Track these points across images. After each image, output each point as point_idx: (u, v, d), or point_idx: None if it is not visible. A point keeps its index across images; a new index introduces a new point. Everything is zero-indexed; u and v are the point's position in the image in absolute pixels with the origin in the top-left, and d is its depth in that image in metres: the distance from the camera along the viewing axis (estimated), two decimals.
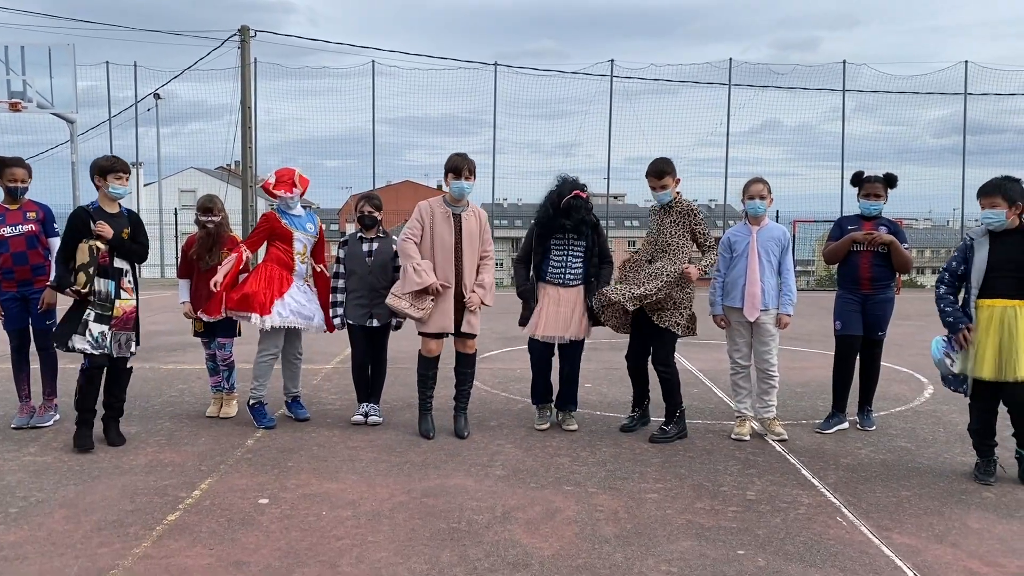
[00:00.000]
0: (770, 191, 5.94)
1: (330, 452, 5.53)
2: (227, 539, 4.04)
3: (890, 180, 6.06)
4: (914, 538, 4.12)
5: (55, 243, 5.99)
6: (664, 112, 27.64)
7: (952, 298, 5.10)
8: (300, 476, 5.01)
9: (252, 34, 21.72)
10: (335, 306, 6.20)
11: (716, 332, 6.44)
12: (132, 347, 5.68)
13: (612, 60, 23.46)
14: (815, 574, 3.70)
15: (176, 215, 24.66)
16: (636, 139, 24.63)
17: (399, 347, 8.75)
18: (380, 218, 6.24)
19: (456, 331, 5.82)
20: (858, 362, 6.20)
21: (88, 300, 5.41)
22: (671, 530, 4.19)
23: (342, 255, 6.22)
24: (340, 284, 6.20)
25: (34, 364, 6.18)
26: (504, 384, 7.91)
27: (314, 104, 34.69)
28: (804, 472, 5.18)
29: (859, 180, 6.10)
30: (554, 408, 6.32)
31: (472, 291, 5.77)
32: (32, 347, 6.13)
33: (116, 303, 5.50)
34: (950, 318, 5.05)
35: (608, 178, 24.03)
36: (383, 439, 5.86)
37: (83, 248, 5.38)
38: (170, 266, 25.87)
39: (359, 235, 6.22)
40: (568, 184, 5.90)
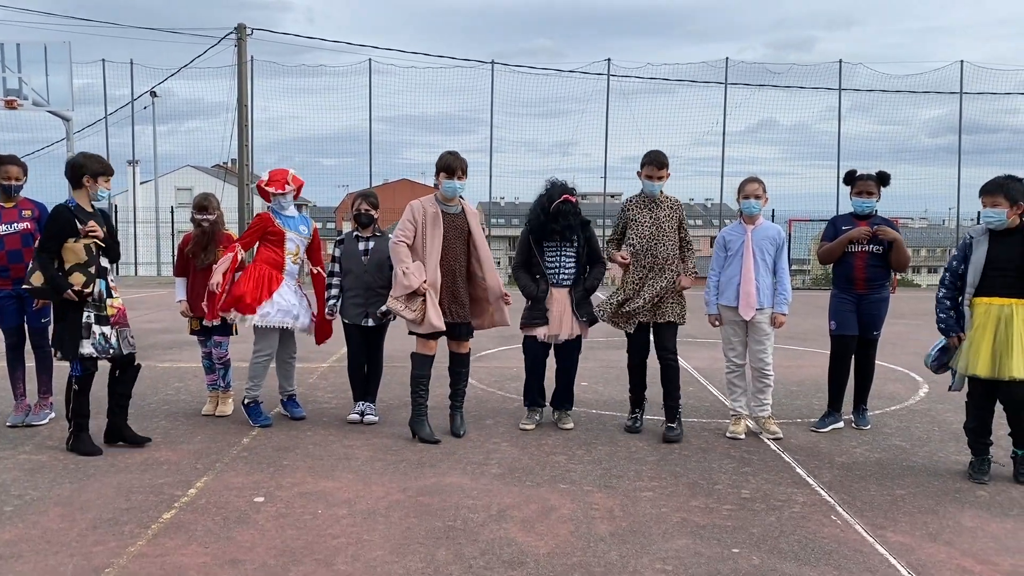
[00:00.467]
0: (765, 191, 5.96)
1: (326, 451, 5.53)
2: (223, 537, 4.04)
3: (883, 178, 6.07)
4: (908, 536, 4.14)
5: None
6: (661, 111, 27.69)
7: (949, 303, 5.11)
8: (296, 474, 5.02)
9: (249, 32, 21.70)
10: (330, 299, 6.20)
11: (711, 331, 6.46)
12: (134, 342, 5.64)
13: (609, 59, 23.52)
14: (809, 572, 3.71)
15: (172, 213, 24.65)
16: (633, 138, 24.63)
17: (395, 346, 8.75)
18: (376, 216, 6.25)
19: (452, 331, 5.80)
20: (853, 362, 6.22)
21: (88, 301, 5.30)
22: (666, 528, 4.20)
23: (338, 254, 6.23)
24: (335, 281, 6.21)
25: (29, 362, 6.17)
26: (500, 383, 7.92)
27: (311, 102, 34.73)
28: (799, 470, 5.19)
29: (852, 178, 6.12)
30: (549, 407, 6.33)
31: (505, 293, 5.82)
32: (28, 345, 6.12)
33: (108, 302, 5.44)
34: (942, 324, 5.12)
35: (605, 177, 24.08)
36: (379, 438, 5.86)
37: (76, 248, 5.29)
38: (166, 264, 25.87)
39: (355, 234, 6.22)
40: (558, 188, 5.95)
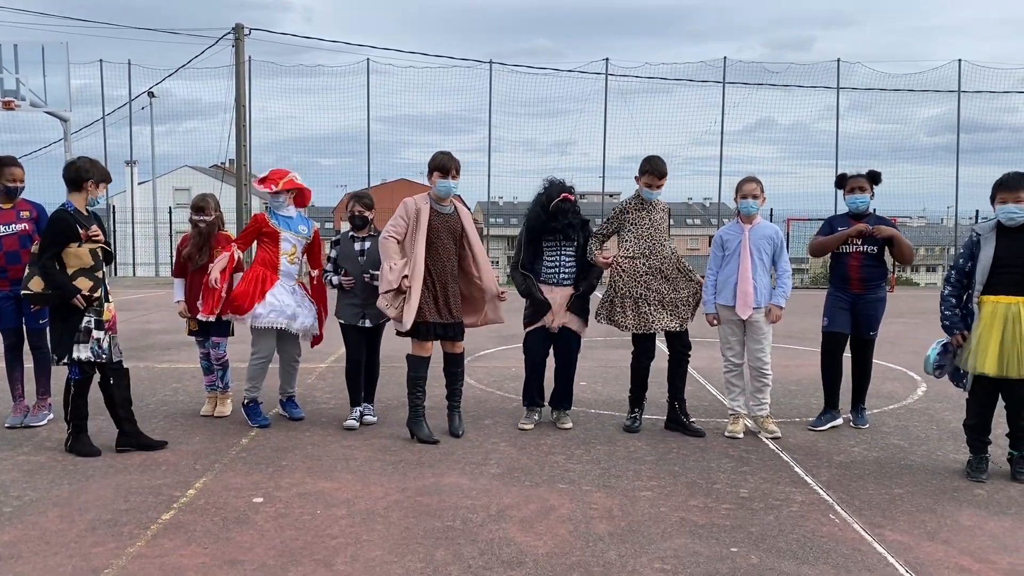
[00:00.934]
0: (763, 190, 5.96)
1: (324, 451, 5.53)
2: (222, 538, 4.04)
3: (873, 177, 6.06)
4: (906, 535, 4.14)
5: None
6: (659, 110, 27.81)
7: (954, 301, 5.09)
8: (295, 475, 5.02)
9: (246, 32, 21.70)
10: (328, 283, 6.22)
11: (709, 330, 6.46)
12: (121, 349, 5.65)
13: (607, 59, 23.53)
14: (808, 571, 3.72)
15: (170, 213, 24.64)
16: (631, 137, 24.66)
17: (394, 346, 8.75)
18: (371, 217, 6.22)
19: (445, 331, 5.77)
20: (851, 362, 6.22)
21: (94, 305, 5.29)
22: (665, 528, 4.21)
23: (334, 255, 6.21)
24: (332, 279, 6.18)
25: (28, 363, 6.17)
26: (499, 383, 7.92)
27: (309, 102, 34.72)
28: (797, 470, 5.20)
29: (843, 180, 6.14)
30: (548, 407, 6.34)
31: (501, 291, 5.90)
32: (26, 346, 6.11)
33: (106, 306, 5.43)
34: (947, 322, 5.10)
35: (603, 176, 24.07)
36: (377, 438, 5.86)
37: (81, 252, 5.29)
38: (164, 264, 25.84)
39: (351, 234, 6.21)
40: (556, 187, 5.96)
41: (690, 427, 6.02)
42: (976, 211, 23.63)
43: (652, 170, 5.91)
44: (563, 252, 6.01)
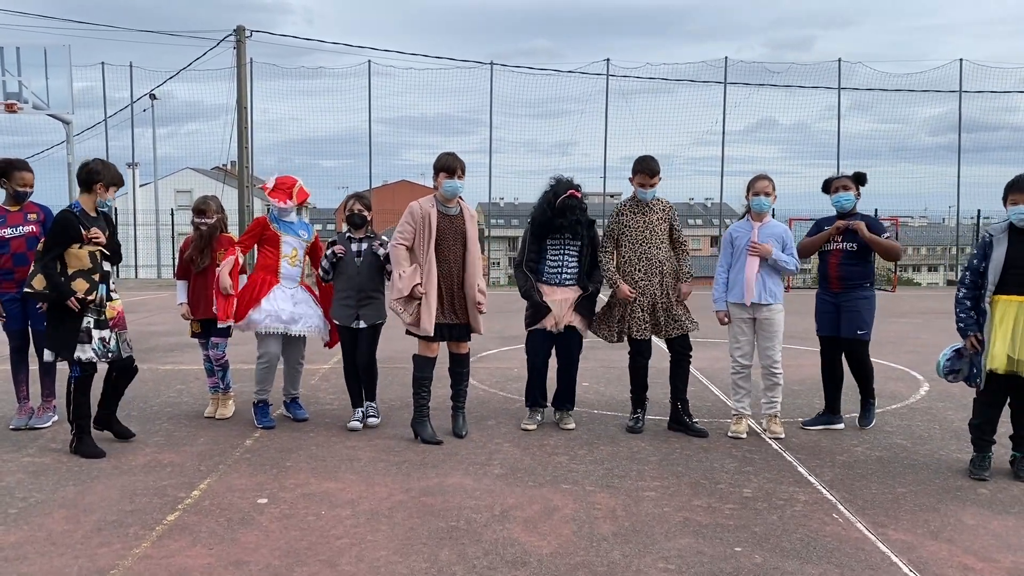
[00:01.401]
0: (775, 188, 5.99)
1: (329, 452, 5.54)
2: (227, 539, 4.06)
3: (858, 178, 6.04)
4: (910, 534, 4.15)
5: None
6: (660, 111, 27.63)
7: (969, 303, 5.09)
8: (299, 476, 5.03)
9: (248, 34, 21.69)
10: (323, 272, 6.19)
11: (712, 331, 6.47)
12: (131, 345, 5.74)
13: (608, 59, 23.49)
14: (811, 570, 3.72)
15: (172, 216, 24.65)
16: (632, 138, 24.60)
17: (398, 346, 8.76)
18: (370, 218, 6.22)
19: (452, 332, 5.81)
20: (848, 365, 6.19)
21: (89, 307, 5.35)
22: (668, 528, 4.22)
23: (326, 264, 6.17)
24: (323, 262, 6.15)
25: (33, 365, 6.18)
26: (502, 383, 7.93)
27: (310, 104, 34.73)
28: (800, 469, 5.21)
29: (828, 184, 6.11)
30: (551, 407, 6.35)
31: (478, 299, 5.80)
32: (32, 348, 6.13)
33: (108, 305, 5.50)
34: (961, 323, 5.11)
35: (604, 177, 24.04)
36: (381, 439, 5.87)
37: (81, 254, 5.34)
38: (167, 267, 25.88)
39: (347, 235, 6.19)
40: (563, 184, 5.96)
41: (692, 427, 6.03)
42: (978, 211, 23.63)
43: (643, 169, 5.91)
44: (567, 251, 6.01)
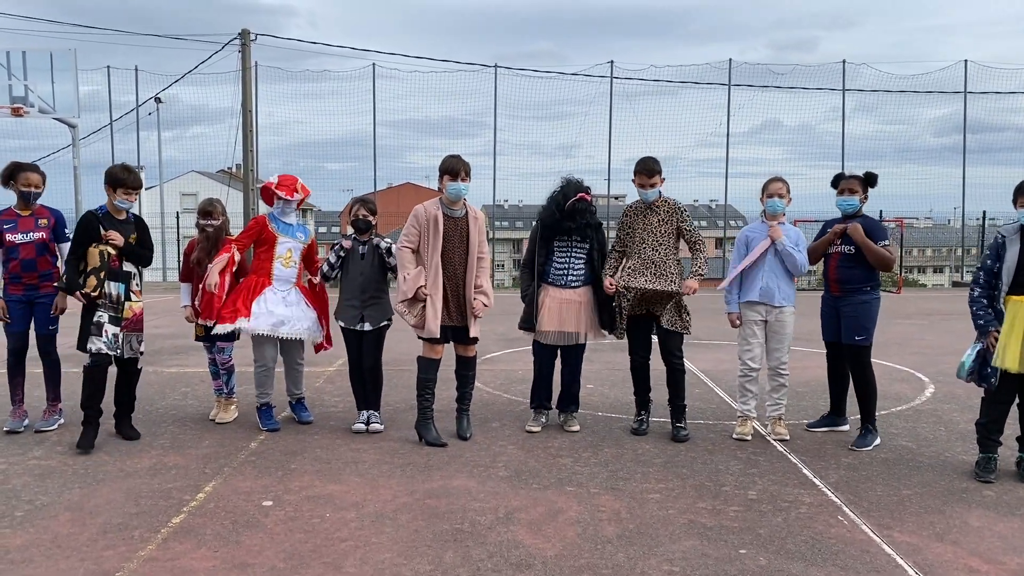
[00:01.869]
0: (789, 191, 5.97)
1: (333, 454, 5.55)
2: (231, 541, 4.06)
3: (869, 178, 5.92)
4: (915, 536, 4.14)
5: (67, 248, 6.06)
6: (664, 113, 27.61)
7: (985, 302, 5.11)
8: (304, 478, 5.04)
9: (252, 38, 21.74)
10: (324, 275, 6.18)
11: (717, 333, 6.46)
12: (141, 347, 5.91)
13: (612, 61, 23.49)
14: (816, 573, 3.72)
15: (178, 218, 24.69)
16: (637, 140, 24.62)
17: (401, 349, 8.77)
18: (374, 222, 6.22)
19: (457, 334, 5.82)
20: (851, 372, 6.11)
21: (98, 303, 5.59)
22: (673, 530, 4.21)
23: (333, 259, 6.16)
24: (331, 256, 6.16)
25: (36, 368, 6.19)
26: (506, 385, 7.93)
27: (315, 107, 34.86)
28: (805, 471, 5.20)
29: (837, 180, 5.99)
30: (555, 410, 6.35)
31: (475, 298, 5.74)
32: (35, 352, 6.12)
33: (126, 305, 5.72)
34: (981, 320, 5.11)
35: (608, 179, 24.05)
36: (386, 441, 5.88)
37: (93, 252, 5.59)
38: (172, 270, 25.92)
39: (352, 237, 6.19)
40: (573, 186, 5.93)
41: (677, 432, 5.94)
42: (983, 212, 23.58)
43: (641, 170, 5.88)
44: (574, 253, 6.00)
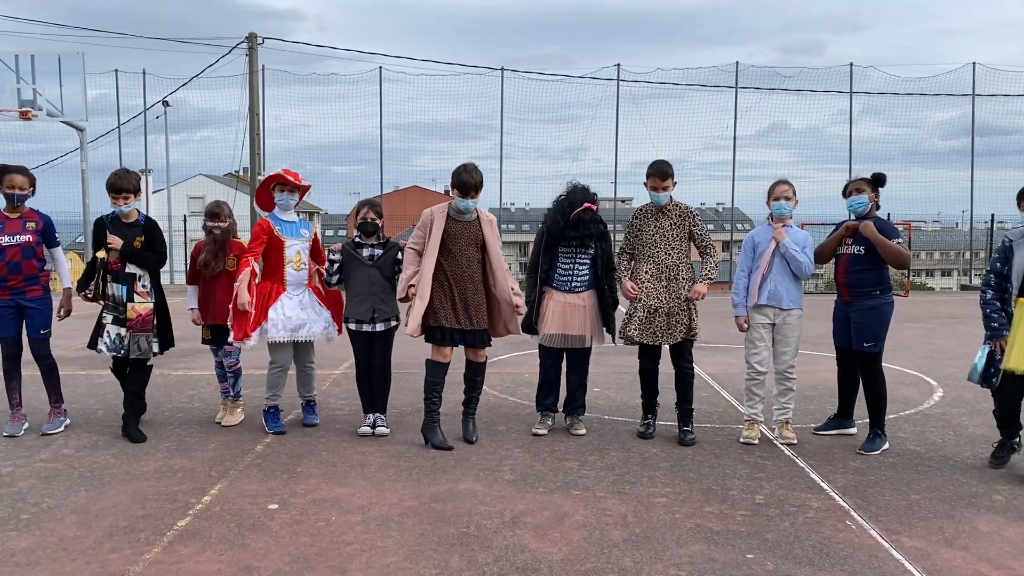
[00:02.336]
0: (795, 193, 5.95)
1: (339, 457, 5.55)
2: (237, 544, 4.06)
3: (876, 179, 5.85)
4: (924, 541, 4.11)
5: (57, 252, 6.12)
6: (671, 116, 27.71)
7: (999, 304, 5.13)
8: (310, 481, 5.03)
9: (260, 41, 21.82)
10: (331, 275, 6.16)
11: (724, 336, 6.44)
12: (154, 348, 6.01)
13: (618, 64, 23.51)
14: None
15: (185, 221, 24.76)
16: (643, 143, 24.62)
17: (408, 352, 8.76)
18: (381, 224, 6.21)
19: (466, 338, 5.80)
20: (861, 377, 6.07)
21: (102, 304, 5.92)
22: (680, 534, 4.19)
23: (336, 258, 6.14)
24: (331, 262, 6.15)
25: (27, 372, 6.17)
26: (512, 389, 7.92)
27: (322, 110, 34.94)
28: (813, 475, 5.17)
29: (846, 188, 5.92)
30: (562, 413, 6.34)
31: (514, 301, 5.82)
32: (25, 356, 6.04)
33: (129, 306, 5.85)
34: (995, 324, 5.12)
35: (615, 182, 24.08)
36: (392, 444, 5.87)
37: (98, 255, 5.88)
38: (179, 272, 25.99)
39: (358, 240, 6.15)
40: (578, 195, 5.90)
41: (684, 436, 5.93)
42: (991, 215, 23.47)
43: (655, 172, 5.86)
44: (578, 260, 5.99)
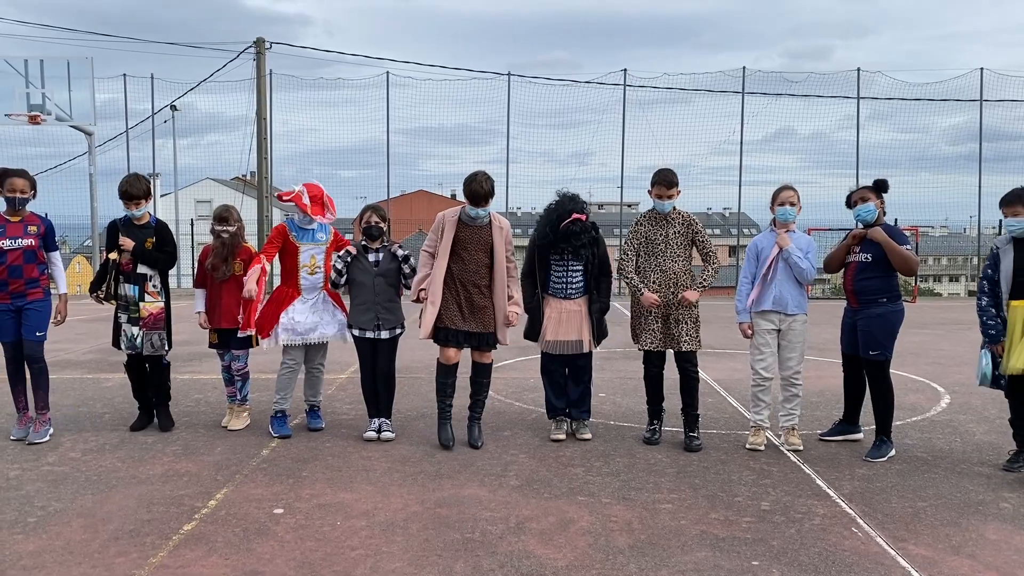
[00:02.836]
0: (799, 199, 5.95)
1: (344, 462, 5.55)
2: (242, 549, 4.07)
3: (879, 185, 5.81)
4: (930, 549, 4.09)
5: (55, 257, 6.10)
6: (677, 121, 27.70)
7: (994, 311, 5.33)
8: (315, 486, 5.04)
9: (268, 46, 21.89)
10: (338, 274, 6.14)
11: (730, 342, 6.43)
12: (166, 344, 6.30)
13: (625, 69, 23.51)
14: None
15: (192, 225, 24.84)
16: (650, 148, 24.67)
17: (413, 356, 8.78)
18: (385, 229, 6.23)
19: (472, 340, 5.83)
20: (868, 385, 6.04)
21: (114, 304, 6.19)
22: (685, 541, 4.18)
23: (340, 266, 6.15)
24: (338, 264, 6.14)
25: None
26: (518, 394, 7.91)
27: (329, 115, 35.16)
28: (819, 482, 5.16)
29: (849, 198, 5.88)
30: (568, 418, 6.33)
31: (510, 309, 5.84)
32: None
33: (141, 305, 6.13)
34: (992, 331, 5.32)
35: (621, 187, 24.07)
36: (397, 449, 5.87)
37: (111, 258, 6.12)
38: (186, 276, 26.06)
39: (363, 244, 6.18)
40: (567, 205, 5.89)
41: (690, 442, 5.92)
42: (999, 220, 23.35)
43: (660, 181, 5.88)
44: (571, 268, 5.99)
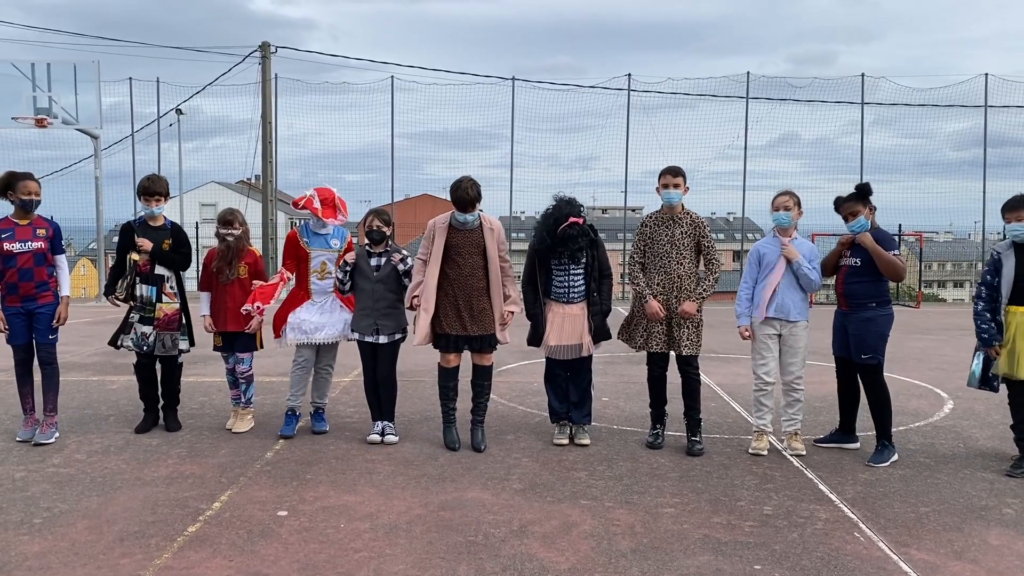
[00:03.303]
0: (799, 204, 5.95)
1: (348, 465, 5.57)
2: (247, 551, 4.08)
3: (862, 191, 5.73)
4: (933, 554, 4.10)
5: (61, 260, 6.13)
6: (681, 125, 27.72)
7: (989, 316, 5.47)
8: (319, 488, 5.06)
9: (273, 50, 21.97)
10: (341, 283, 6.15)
11: (733, 346, 6.43)
12: (180, 345, 6.41)
13: (629, 74, 23.52)
14: None
15: (197, 229, 24.88)
16: (654, 152, 24.67)
17: (416, 360, 8.79)
18: (389, 233, 6.23)
19: (471, 343, 5.86)
20: (864, 388, 6.02)
21: (131, 305, 6.23)
22: (687, 545, 4.19)
23: (340, 274, 6.20)
24: (338, 273, 6.15)
25: (36, 377, 6.22)
26: (521, 397, 7.93)
27: (334, 119, 35.21)
28: (822, 487, 5.16)
29: (838, 205, 5.83)
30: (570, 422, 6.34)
31: (506, 308, 5.89)
32: (36, 362, 6.09)
33: (157, 306, 6.24)
34: (986, 335, 5.48)
35: (625, 191, 24.08)
36: (400, 452, 5.89)
37: (131, 258, 6.17)
38: (190, 279, 26.08)
39: (366, 249, 6.18)
40: (563, 209, 5.92)
41: (692, 446, 5.93)
42: (1004, 226, 23.35)
43: (667, 171, 5.94)
44: (571, 272, 6.01)
